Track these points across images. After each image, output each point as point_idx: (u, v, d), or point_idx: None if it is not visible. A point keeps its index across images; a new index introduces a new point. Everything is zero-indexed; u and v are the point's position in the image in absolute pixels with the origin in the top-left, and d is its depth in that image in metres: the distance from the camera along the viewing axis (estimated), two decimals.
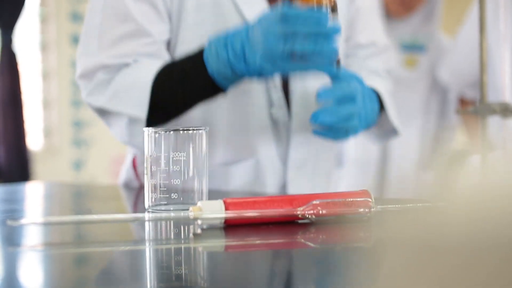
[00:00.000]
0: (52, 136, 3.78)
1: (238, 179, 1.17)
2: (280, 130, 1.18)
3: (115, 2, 1.09)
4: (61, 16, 3.73)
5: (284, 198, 0.72)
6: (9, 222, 0.66)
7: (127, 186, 1.22)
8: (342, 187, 2.26)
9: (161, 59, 1.10)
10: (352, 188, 2.46)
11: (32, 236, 0.69)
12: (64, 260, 0.59)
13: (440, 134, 2.31)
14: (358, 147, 2.24)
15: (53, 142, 3.77)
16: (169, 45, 1.14)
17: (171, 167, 0.80)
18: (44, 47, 3.80)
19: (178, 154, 0.81)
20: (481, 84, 1.14)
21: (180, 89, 1.07)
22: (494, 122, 1.43)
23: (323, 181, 1.25)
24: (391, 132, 1.29)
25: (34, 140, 3.71)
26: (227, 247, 0.67)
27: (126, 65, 1.09)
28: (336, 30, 0.96)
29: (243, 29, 1.00)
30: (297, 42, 0.94)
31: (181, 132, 0.81)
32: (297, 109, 1.18)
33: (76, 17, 3.76)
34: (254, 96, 1.16)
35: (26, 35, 3.69)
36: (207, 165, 0.83)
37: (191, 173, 0.81)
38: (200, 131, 0.82)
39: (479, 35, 1.14)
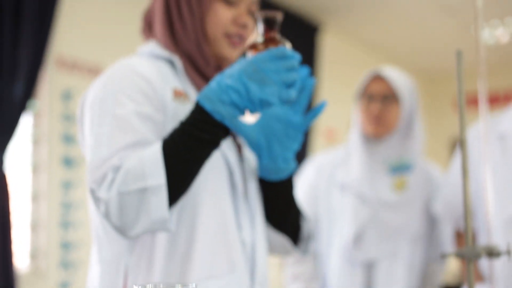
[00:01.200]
0: (39, 258, 3.73)
1: None
2: (247, 252, 1.28)
3: (123, 117, 1.18)
4: (53, 137, 3.78)
5: None
6: None
7: None
8: None
9: None
10: None
11: None
12: None
13: (429, 265, 2.27)
14: (341, 276, 2.20)
15: (40, 264, 3.72)
16: None
17: None
18: (35, 168, 3.82)
19: None
20: (465, 229, 1.15)
21: (191, 142, 1.13)
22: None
23: None
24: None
25: (21, 261, 3.66)
26: None
27: None
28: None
29: (235, 74, 1.13)
30: (291, 73, 1.16)
31: None
32: (261, 234, 1.31)
33: (68, 139, 3.81)
34: (227, 220, 1.25)
35: (17, 156, 3.72)
36: None
37: None
38: None
39: (462, 181, 1.15)
